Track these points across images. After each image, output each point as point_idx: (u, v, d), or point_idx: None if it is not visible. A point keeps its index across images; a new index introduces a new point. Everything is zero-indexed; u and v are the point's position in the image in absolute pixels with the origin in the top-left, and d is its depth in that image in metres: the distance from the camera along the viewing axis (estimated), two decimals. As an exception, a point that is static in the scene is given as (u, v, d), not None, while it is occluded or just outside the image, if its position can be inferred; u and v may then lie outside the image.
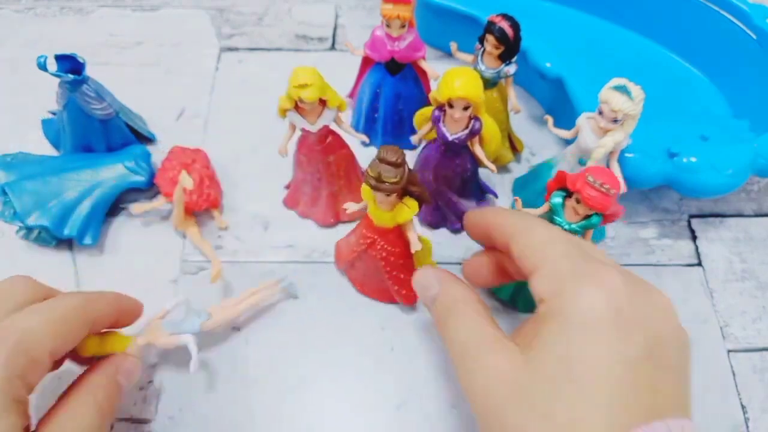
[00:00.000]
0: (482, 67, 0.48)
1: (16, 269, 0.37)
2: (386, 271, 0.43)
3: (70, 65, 0.47)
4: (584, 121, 0.44)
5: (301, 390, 0.43)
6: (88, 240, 0.48)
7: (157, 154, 0.46)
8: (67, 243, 0.49)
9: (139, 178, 0.50)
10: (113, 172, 0.50)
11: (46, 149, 0.55)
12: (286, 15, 0.67)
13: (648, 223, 0.52)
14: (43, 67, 0.45)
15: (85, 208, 0.48)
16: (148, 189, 0.52)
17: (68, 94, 0.48)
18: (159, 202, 0.49)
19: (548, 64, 0.52)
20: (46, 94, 0.60)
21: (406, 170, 0.36)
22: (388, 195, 0.36)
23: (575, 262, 0.29)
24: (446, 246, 0.50)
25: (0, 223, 0.50)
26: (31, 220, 0.47)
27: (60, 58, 0.47)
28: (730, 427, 0.42)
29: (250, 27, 0.66)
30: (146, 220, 0.51)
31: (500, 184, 0.54)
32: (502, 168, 0.54)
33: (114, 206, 0.51)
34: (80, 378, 0.36)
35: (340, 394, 0.43)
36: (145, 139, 0.55)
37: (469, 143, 0.44)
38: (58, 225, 0.47)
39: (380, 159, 0.35)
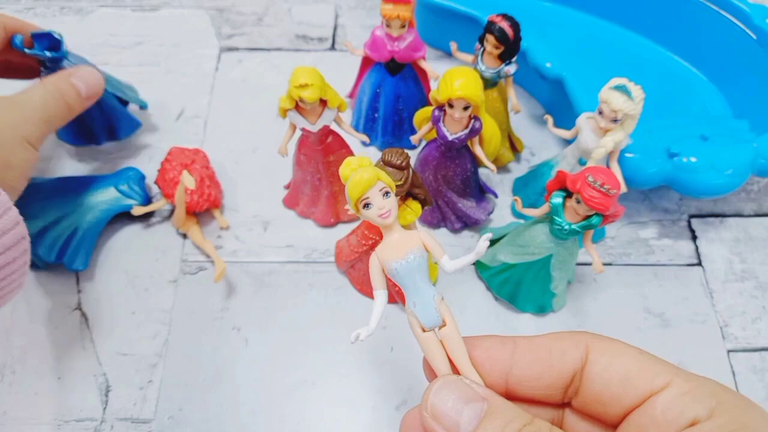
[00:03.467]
0: (482, 67, 0.48)
1: None
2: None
3: (48, 43, 0.47)
4: (584, 121, 0.44)
5: (301, 390, 0.43)
6: (78, 265, 0.47)
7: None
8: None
9: (132, 202, 0.49)
10: (105, 196, 0.49)
11: (46, 148, 0.55)
12: (286, 15, 0.67)
13: (648, 223, 0.52)
14: (19, 46, 0.45)
15: (76, 233, 0.47)
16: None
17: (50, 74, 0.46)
18: (159, 203, 0.49)
19: (548, 64, 0.52)
20: (46, 94, 0.60)
21: (410, 173, 0.36)
22: (391, 198, 0.36)
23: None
24: (446, 246, 0.50)
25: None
26: None
27: (37, 37, 0.46)
28: (730, 427, 0.42)
29: (250, 27, 0.66)
30: (146, 220, 0.51)
31: (500, 184, 0.54)
32: (502, 168, 0.54)
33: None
34: None
35: (340, 393, 0.43)
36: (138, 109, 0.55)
37: (469, 143, 0.44)
38: (48, 251, 0.46)
39: (385, 161, 0.35)
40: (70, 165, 0.54)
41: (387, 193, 0.25)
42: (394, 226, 0.26)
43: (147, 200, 0.50)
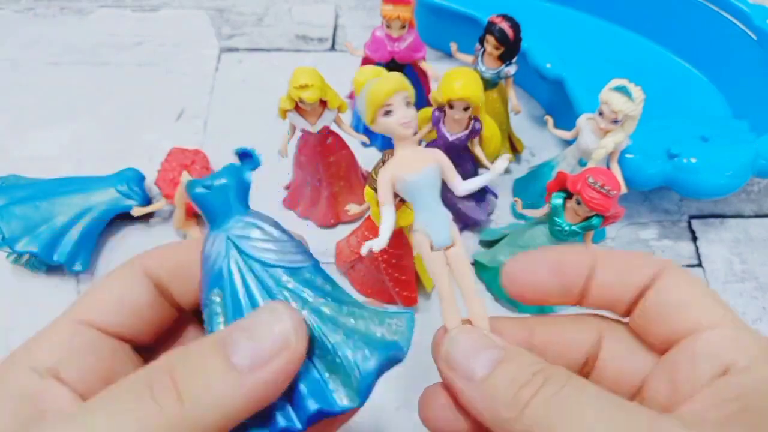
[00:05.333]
0: (482, 67, 0.48)
1: (10, 283, 0.35)
2: (387, 273, 0.43)
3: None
4: (584, 122, 0.44)
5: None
6: (78, 266, 0.47)
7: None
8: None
9: (132, 203, 0.49)
10: (105, 197, 0.49)
11: (46, 149, 0.55)
12: (286, 15, 0.67)
13: (648, 224, 0.52)
14: None
15: (75, 233, 0.47)
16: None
17: None
18: (159, 204, 0.49)
19: (548, 65, 0.52)
20: (46, 94, 0.60)
21: None
22: (392, 198, 0.36)
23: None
24: (446, 246, 0.50)
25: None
26: (20, 246, 0.45)
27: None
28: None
29: (250, 27, 0.66)
30: (146, 221, 0.51)
31: (500, 184, 0.54)
32: (502, 168, 0.54)
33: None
34: None
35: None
36: None
37: (469, 144, 0.44)
38: (48, 251, 0.46)
39: (385, 163, 0.35)
40: (70, 165, 0.54)
41: (409, 103, 0.25)
42: (410, 141, 0.25)
43: (147, 201, 0.50)
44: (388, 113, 0.24)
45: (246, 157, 0.24)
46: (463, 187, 0.25)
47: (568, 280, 0.24)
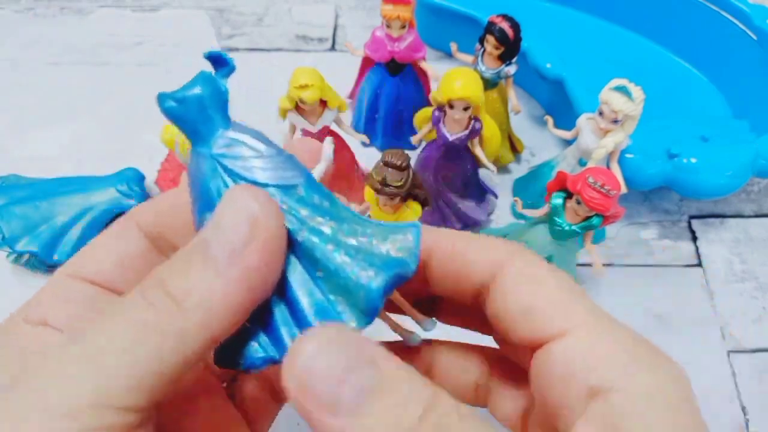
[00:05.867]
0: (482, 67, 0.48)
1: (10, 283, 0.36)
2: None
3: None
4: (584, 122, 0.44)
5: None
6: None
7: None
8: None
9: (132, 202, 0.49)
10: (105, 196, 0.49)
11: (46, 149, 0.55)
12: (286, 15, 0.67)
13: (648, 223, 0.52)
14: None
15: (75, 233, 0.47)
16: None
17: None
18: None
19: (548, 65, 0.52)
20: (46, 94, 0.60)
21: (410, 173, 0.36)
22: (392, 198, 0.37)
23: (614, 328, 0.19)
24: (446, 246, 0.50)
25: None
26: (20, 246, 0.46)
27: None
28: (731, 428, 0.42)
29: (250, 27, 0.66)
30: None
31: (500, 184, 0.54)
32: (502, 168, 0.54)
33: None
34: None
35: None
36: None
37: (469, 144, 0.44)
38: (48, 250, 0.46)
39: (385, 162, 0.35)
40: (69, 165, 0.54)
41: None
42: None
43: (147, 200, 0.50)
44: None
45: (218, 61, 0.21)
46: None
47: None
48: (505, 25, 0.45)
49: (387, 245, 0.19)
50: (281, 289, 0.19)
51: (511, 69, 0.47)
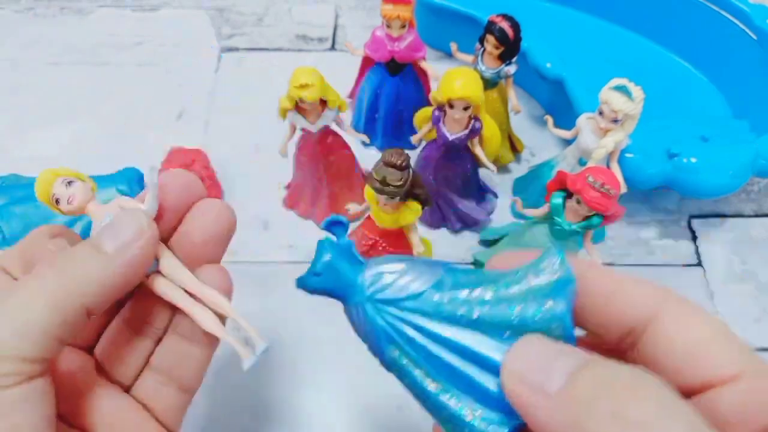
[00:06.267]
0: (482, 67, 0.48)
1: None
2: (387, 272, 0.43)
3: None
4: (584, 122, 0.44)
5: (301, 390, 0.43)
6: None
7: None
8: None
9: None
10: (105, 196, 0.48)
11: (46, 149, 0.55)
12: (286, 15, 0.67)
13: (648, 223, 0.52)
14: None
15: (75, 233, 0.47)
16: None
17: None
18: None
19: (548, 64, 0.52)
20: (46, 94, 0.60)
21: (410, 173, 0.36)
22: (392, 198, 0.37)
23: None
24: (446, 246, 0.50)
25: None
26: None
27: None
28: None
29: (250, 27, 0.66)
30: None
31: (500, 184, 0.54)
32: (502, 168, 0.54)
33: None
34: None
35: (341, 394, 0.43)
36: None
37: (469, 143, 0.44)
38: None
39: (385, 162, 0.35)
40: (69, 165, 0.54)
41: (70, 182, 0.27)
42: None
43: None
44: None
45: (334, 225, 0.25)
46: (146, 208, 0.25)
47: None
48: (505, 25, 0.45)
49: (544, 276, 0.20)
50: (485, 366, 0.20)
51: (511, 69, 0.47)
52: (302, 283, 0.23)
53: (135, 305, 0.27)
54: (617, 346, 0.22)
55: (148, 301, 0.27)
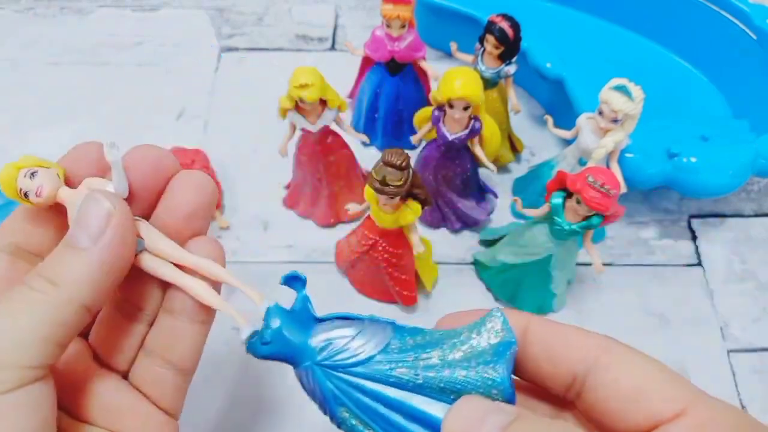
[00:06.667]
0: (482, 67, 0.48)
1: None
2: (387, 273, 0.43)
3: None
4: (584, 122, 0.44)
5: (301, 390, 0.43)
6: None
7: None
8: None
9: None
10: None
11: (46, 149, 0.55)
12: (286, 15, 0.67)
13: (648, 223, 0.52)
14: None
15: None
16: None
17: None
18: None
19: (548, 64, 0.52)
20: (46, 94, 0.60)
21: (410, 173, 0.36)
22: (392, 198, 0.37)
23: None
24: (446, 246, 0.50)
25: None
26: None
27: None
28: (730, 427, 0.42)
29: (250, 27, 0.66)
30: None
31: (500, 184, 0.54)
32: (502, 168, 0.54)
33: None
34: None
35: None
36: None
37: (469, 143, 0.44)
38: None
39: (385, 162, 0.35)
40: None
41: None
42: None
43: None
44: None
45: (293, 280, 0.25)
46: (115, 190, 0.24)
47: None
48: (504, 25, 0.45)
49: (485, 338, 0.22)
50: (431, 426, 0.21)
51: (511, 69, 0.47)
52: (251, 350, 0.24)
53: (125, 288, 0.27)
54: (564, 396, 0.23)
55: (137, 283, 0.26)
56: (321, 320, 0.24)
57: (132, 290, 0.27)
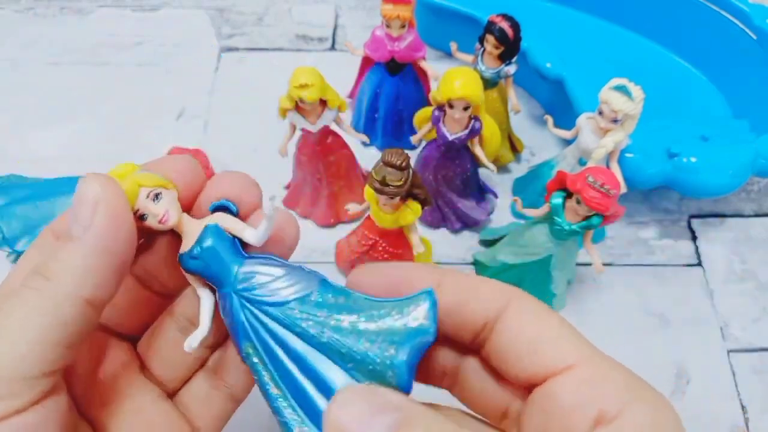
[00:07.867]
0: (482, 67, 0.48)
1: None
2: (386, 272, 0.43)
3: None
4: (584, 122, 0.44)
5: None
6: None
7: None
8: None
9: None
10: None
11: (46, 149, 0.55)
12: (286, 15, 0.67)
13: (648, 223, 0.52)
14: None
15: None
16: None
17: None
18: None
19: (548, 64, 0.52)
20: (46, 94, 0.60)
21: (410, 173, 0.36)
22: (392, 198, 0.37)
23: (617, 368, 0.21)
24: (446, 246, 0.50)
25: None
26: (20, 246, 0.45)
27: None
28: (730, 427, 0.42)
29: (250, 27, 0.66)
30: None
31: (500, 184, 0.54)
32: (502, 168, 0.54)
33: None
34: None
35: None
36: None
37: (469, 143, 0.44)
38: None
39: (385, 162, 0.35)
40: (69, 166, 0.54)
41: (158, 195, 0.23)
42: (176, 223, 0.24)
43: None
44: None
45: (221, 209, 0.24)
46: (255, 237, 0.23)
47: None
48: (504, 25, 0.45)
49: (404, 319, 0.21)
50: (323, 388, 0.21)
51: (511, 69, 0.47)
52: (180, 262, 0.24)
53: (184, 303, 0.25)
54: (471, 345, 0.23)
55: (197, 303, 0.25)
56: (253, 257, 0.23)
57: (192, 307, 0.26)
